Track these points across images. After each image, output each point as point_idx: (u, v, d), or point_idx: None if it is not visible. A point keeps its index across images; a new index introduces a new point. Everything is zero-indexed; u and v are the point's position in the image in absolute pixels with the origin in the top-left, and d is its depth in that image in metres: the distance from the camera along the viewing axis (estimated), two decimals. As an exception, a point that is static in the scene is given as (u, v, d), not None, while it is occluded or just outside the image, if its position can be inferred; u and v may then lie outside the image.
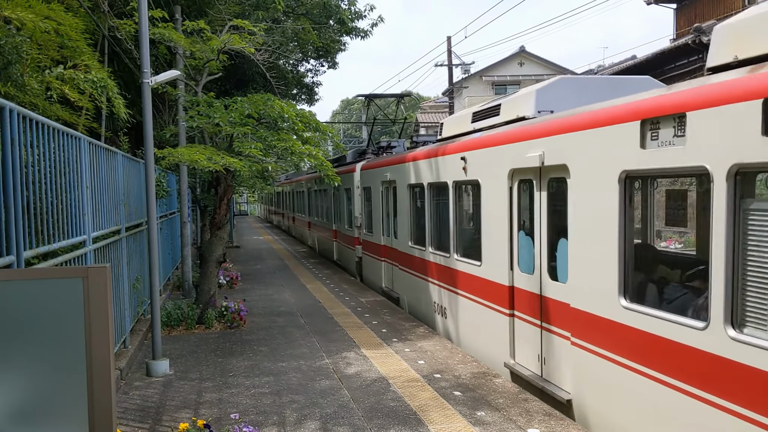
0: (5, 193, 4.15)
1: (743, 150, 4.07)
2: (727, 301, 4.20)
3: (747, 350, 4.02)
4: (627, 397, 5.23)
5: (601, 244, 5.54)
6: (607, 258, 5.45)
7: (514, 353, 7.36)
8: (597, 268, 5.61)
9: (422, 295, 10.67)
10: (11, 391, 1.99)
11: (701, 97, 4.50)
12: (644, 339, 5.01)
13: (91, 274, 2.04)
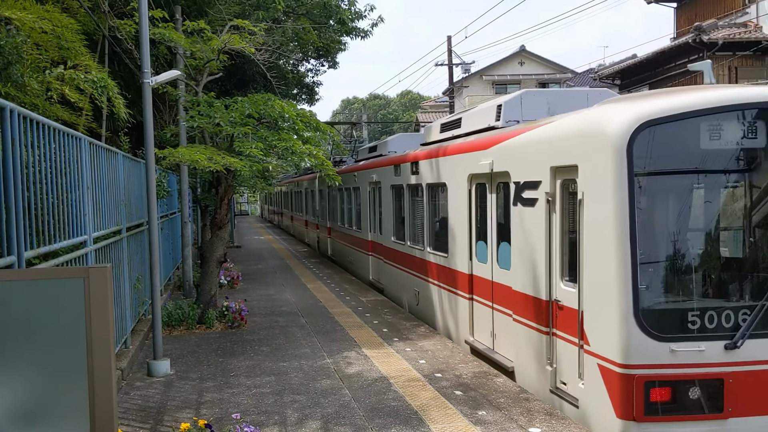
0: (6, 194, 4.15)
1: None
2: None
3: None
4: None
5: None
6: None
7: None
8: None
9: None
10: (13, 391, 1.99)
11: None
12: None
13: (92, 275, 2.04)
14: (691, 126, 5.22)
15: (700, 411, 5.11)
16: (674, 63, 26.58)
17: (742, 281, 5.49)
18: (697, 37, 24.15)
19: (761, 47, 23.99)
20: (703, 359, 5.09)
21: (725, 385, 5.10)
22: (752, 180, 5.40)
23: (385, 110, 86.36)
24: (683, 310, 5.21)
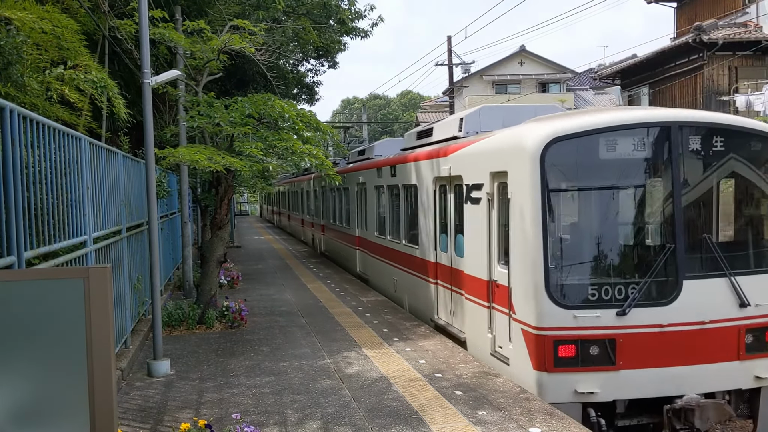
0: (6, 194, 4.15)
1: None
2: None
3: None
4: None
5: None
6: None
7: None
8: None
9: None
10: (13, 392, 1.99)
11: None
12: None
13: (92, 275, 2.04)
14: (591, 141, 6.62)
15: (597, 364, 6.42)
16: (674, 63, 26.59)
17: (631, 263, 6.85)
18: (697, 37, 24.15)
19: (761, 47, 23.98)
20: (599, 323, 6.43)
21: (616, 344, 6.44)
22: (639, 181, 6.91)
23: (385, 110, 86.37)
24: (584, 285, 6.58)
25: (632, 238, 7.01)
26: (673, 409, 6.34)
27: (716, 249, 6.69)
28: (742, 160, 6.99)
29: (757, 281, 6.70)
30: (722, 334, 6.56)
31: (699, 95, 25.37)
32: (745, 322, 6.62)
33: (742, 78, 24.73)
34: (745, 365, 6.63)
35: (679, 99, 26.69)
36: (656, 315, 6.47)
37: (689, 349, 6.49)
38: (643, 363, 6.45)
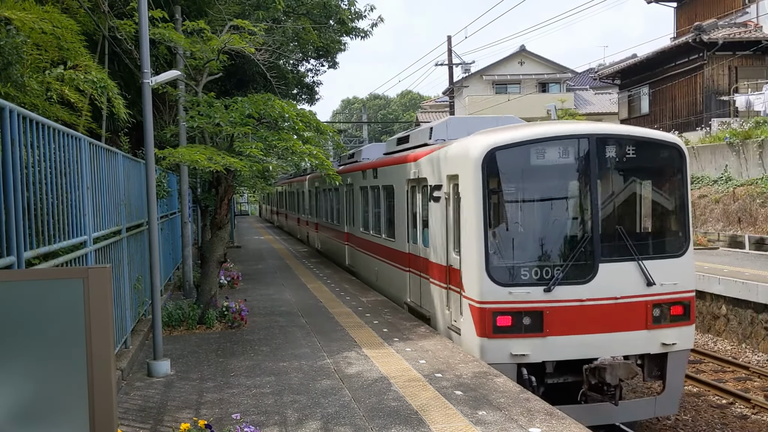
0: (6, 194, 4.15)
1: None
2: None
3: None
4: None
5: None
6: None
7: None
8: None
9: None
10: (12, 392, 1.99)
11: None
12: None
13: (92, 275, 2.04)
14: (524, 150, 8.00)
15: (529, 331, 7.70)
16: (674, 63, 26.59)
17: (556, 249, 8.09)
18: (697, 37, 24.15)
19: (761, 47, 23.97)
20: (530, 298, 7.71)
21: (544, 315, 7.70)
22: (564, 183, 8.35)
23: (385, 110, 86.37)
24: (517, 267, 7.90)
25: (557, 229, 8.34)
26: (590, 368, 7.62)
27: (626, 238, 7.97)
28: (651, 165, 8.47)
29: (661, 265, 8.01)
30: (632, 307, 7.89)
31: (699, 95, 25.37)
32: (652, 298, 7.93)
33: (742, 78, 24.73)
34: (652, 334, 7.97)
35: (679, 99, 26.69)
36: (577, 291, 7.79)
37: (605, 320, 7.82)
38: (566, 331, 7.74)
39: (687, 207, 8.39)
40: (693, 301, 8.24)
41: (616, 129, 9.22)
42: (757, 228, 17.19)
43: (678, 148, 8.39)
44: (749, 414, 9.16)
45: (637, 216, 8.60)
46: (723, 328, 12.92)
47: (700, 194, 19.98)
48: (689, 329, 8.19)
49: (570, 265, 7.80)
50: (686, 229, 8.33)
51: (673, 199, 8.51)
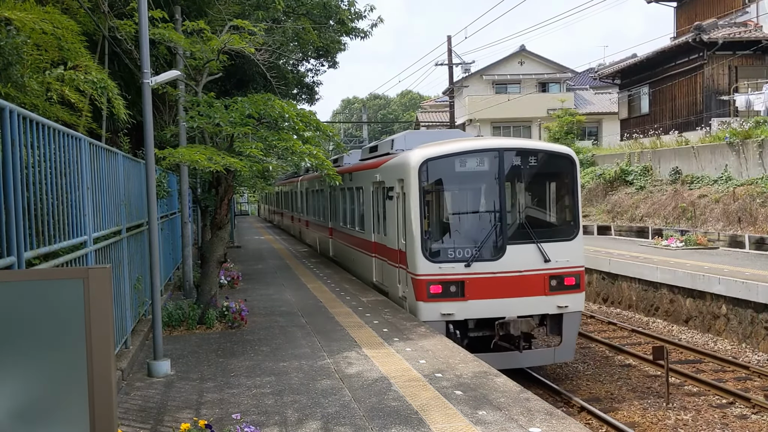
0: (6, 194, 4.15)
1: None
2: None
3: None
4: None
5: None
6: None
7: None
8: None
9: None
10: (12, 392, 1.99)
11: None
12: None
13: (92, 275, 2.04)
14: (450, 160, 10.42)
15: (454, 296, 10.03)
16: (674, 62, 26.58)
17: (474, 234, 10.43)
18: (697, 37, 24.14)
19: (761, 46, 23.96)
20: (455, 271, 10.08)
21: (465, 284, 10.06)
22: (480, 184, 10.68)
23: (385, 110, 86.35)
24: (445, 248, 10.37)
25: (475, 219, 10.84)
26: (500, 324, 9.96)
27: (528, 226, 10.48)
28: (548, 170, 10.91)
29: (555, 247, 10.31)
30: (533, 279, 10.23)
31: (699, 95, 25.36)
32: (549, 272, 10.26)
33: (742, 77, 24.72)
34: (550, 298, 10.28)
35: (679, 98, 26.68)
36: (490, 266, 10.17)
37: (512, 288, 10.15)
38: (482, 296, 10.08)
39: (577, 202, 10.76)
40: (582, 274, 10.63)
41: (520, 143, 12.08)
42: (757, 228, 17.19)
43: (570, 157, 10.77)
44: (749, 414, 9.16)
45: (536, 209, 11.20)
46: (723, 327, 12.92)
47: (700, 194, 19.98)
48: (580, 296, 10.57)
49: (484, 247, 10.27)
50: (576, 219, 10.73)
51: (565, 196, 10.94)
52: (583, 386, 10.68)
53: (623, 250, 18.10)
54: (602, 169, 25.47)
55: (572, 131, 28.20)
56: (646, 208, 22.11)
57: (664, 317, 14.68)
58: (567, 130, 28.01)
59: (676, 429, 8.78)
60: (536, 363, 10.87)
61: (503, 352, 10.26)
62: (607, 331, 14.31)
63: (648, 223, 21.51)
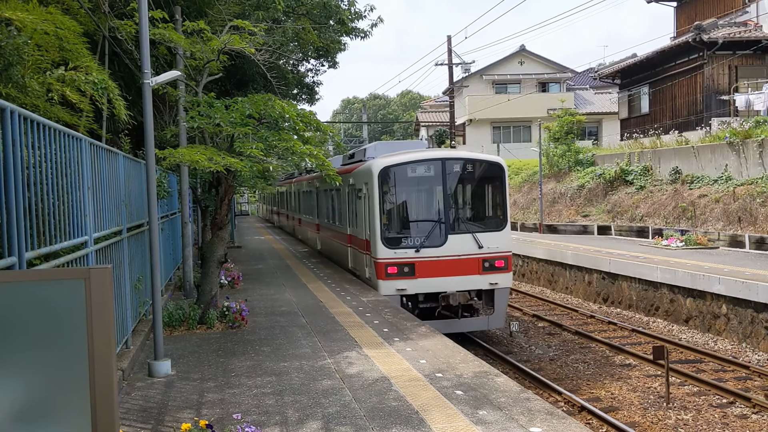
0: (7, 194, 4.15)
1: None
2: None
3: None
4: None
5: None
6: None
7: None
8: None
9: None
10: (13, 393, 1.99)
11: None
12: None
13: (93, 275, 2.04)
14: (403, 168, 12.78)
15: (406, 275, 12.40)
16: (674, 62, 26.58)
17: (423, 226, 12.82)
18: (697, 36, 24.14)
19: (761, 46, 23.95)
20: (407, 256, 12.45)
21: (415, 266, 12.42)
22: (427, 186, 13.00)
23: (385, 110, 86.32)
24: (399, 237, 12.66)
25: (423, 214, 13.20)
26: (442, 296, 12.42)
27: (465, 220, 13.17)
28: (481, 175, 13.40)
29: (487, 236, 12.78)
30: (470, 261, 12.62)
31: (699, 94, 25.36)
32: (482, 256, 12.70)
33: (742, 77, 24.72)
34: (484, 277, 12.70)
35: (679, 98, 26.68)
36: (435, 252, 12.58)
37: (452, 269, 12.51)
38: (429, 275, 12.49)
39: (505, 200, 13.30)
40: (510, 258, 13.05)
41: (460, 154, 14.57)
42: (758, 227, 17.19)
43: (500, 165, 13.33)
44: (750, 413, 9.16)
45: (472, 206, 13.71)
46: (723, 327, 12.92)
47: (700, 193, 19.98)
48: (508, 275, 13.03)
49: (430, 236, 12.72)
50: (505, 214, 13.21)
51: (496, 196, 13.44)
52: (583, 386, 10.68)
53: (623, 250, 18.10)
54: (602, 168, 25.47)
55: (572, 131, 28.17)
56: (646, 208, 22.11)
57: (664, 317, 14.69)
58: (567, 130, 27.99)
59: (676, 429, 8.78)
60: (473, 328, 13.23)
61: (446, 320, 12.48)
62: (607, 331, 14.31)
63: (648, 223, 21.51)
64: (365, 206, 13.48)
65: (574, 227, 24.37)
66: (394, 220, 13.13)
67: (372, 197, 12.89)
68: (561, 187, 26.98)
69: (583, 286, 18.13)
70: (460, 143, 41.54)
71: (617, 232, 22.58)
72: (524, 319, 15.72)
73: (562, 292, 19.18)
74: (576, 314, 16.13)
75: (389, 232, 12.77)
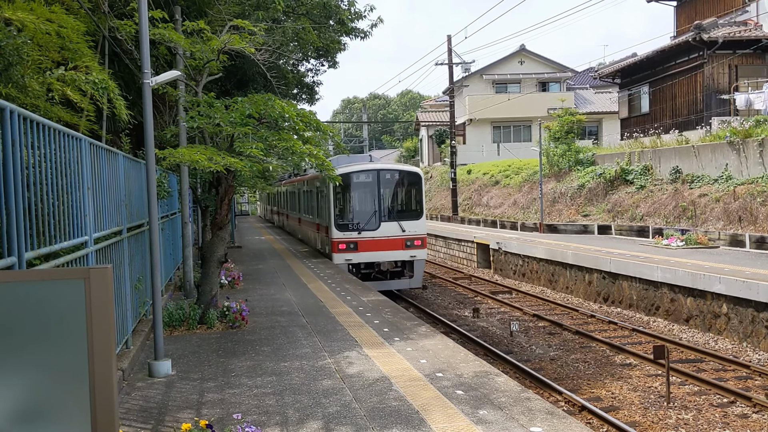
0: (6, 195, 4.15)
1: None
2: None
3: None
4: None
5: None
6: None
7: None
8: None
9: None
10: (12, 393, 1.99)
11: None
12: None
13: (93, 275, 2.04)
14: (349, 175, 17.56)
15: (352, 250, 17.55)
16: (674, 61, 26.57)
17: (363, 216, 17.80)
18: (697, 36, 24.13)
19: (761, 45, 23.95)
20: (352, 237, 17.61)
21: (358, 244, 17.59)
22: (367, 189, 17.93)
23: (385, 110, 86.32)
24: (347, 224, 17.71)
25: (364, 208, 17.79)
26: (376, 264, 17.59)
27: (393, 212, 17.92)
28: (405, 180, 18.27)
29: (408, 223, 17.65)
30: (396, 240, 17.50)
31: (699, 94, 25.35)
32: (405, 237, 17.58)
33: (742, 76, 24.71)
34: (406, 251, 17.58)
35: (679, 97, 26.67)
36: (371, 234, 17.45)
37: (384, 246, 17.44)
38: (367, 250, 17.38)
39: (422, 198, 18.40)
40: (425, 238, 18.10)
41: (390, 166, 19.67)
42: (758, 227, 17.18)
43: (417, 173, 18.58)
44: (750, 413, 9.16)
45: (399, 202, 18.48)
46: (724, 327, 12.91)
47: (700, 193, 19.97)
48: (424, 250, 17.99)
49: (368, 223, 17.63)
50: (421, 208, 18.28)
51: (415, 195, 18.40)
52: (583, 385, 10.68)
53: (624, 250, 18.09)
54: (602, 168, 25.46)
55: (572, 131, 28.15)
56: (646, 208, 22.10)
57: (664, 316, 14.68)
58: (567, 130, 27.96)
59: (677, 428, 8.77)
60: (398, 287, 18.32)
61: (379, 281, 17.64)
62: (607, 331, 14.30)
63: (648, 223, 21.50)
64: (325, 202, 18.58)
65: (574, 227, 24.36)
66: (343, 211, 18.14)
67: (329, 196, 17.92)
68: (561, 187, 26.98)
69: (584, 286, 18.13)
70: (461, 143, 41.54)
71: (617, 232, 22.57)
72: (524, 319, 15.71)
73: (562, 291, 19.17)
74: (576, 314, 16.13)
75: (340, 220, 17.81)
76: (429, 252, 27.54)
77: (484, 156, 40.31)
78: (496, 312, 16.80)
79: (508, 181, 31.81)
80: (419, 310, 16.83)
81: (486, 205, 32.71)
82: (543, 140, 27.63)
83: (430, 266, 26.10)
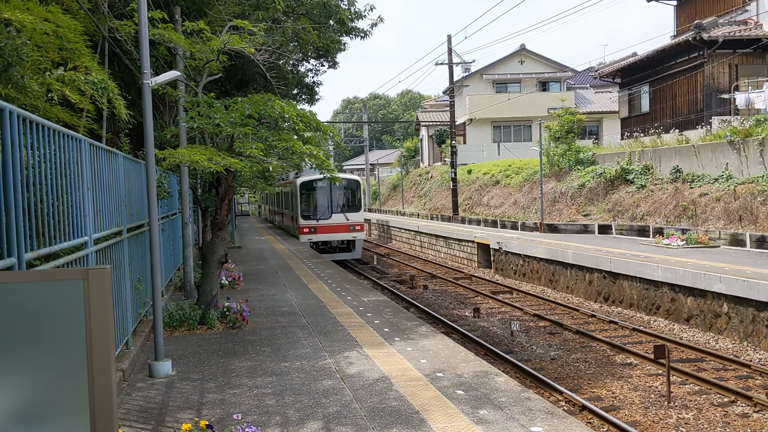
0: (6, 195, 4.15)
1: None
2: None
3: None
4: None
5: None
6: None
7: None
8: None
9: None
10: (12, 393, 1.99)
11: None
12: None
13: (92, 276, 2.04)
14: (311, 181, 26.23)
15: (312, 233, 26.29)
16: (674, 61, 26.56)
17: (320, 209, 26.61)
18: (697, 35, 24.12)
19: (761, 45, 23.94)
20: (312, 223, 26.34)
21: (317, 228, 26.32)
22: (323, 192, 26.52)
23: (385, 110, 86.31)
24: (309, 214, 26.36)
25: (320, 204, 26.29)
26: (330, 242, 26.45)
27: (340, 207, 26.33)
28: (350, 187, 26.72)
29: (352, 215, 26.21)
30: (343, 226, 26.09)
31: (699, 93, 25.34)
32: (348, 223, 26.14)
33: (743, 76, 24.69)
34: (350, 233, 26.26)
35: (679, 97, 26.65)
36: (326, 221, 26.17)
37: (335, 230, 26.10)
38: (323, 232, 26.11)
39: (361, 197, 26.90)
40: (363, 224, 26.64)
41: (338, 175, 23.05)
42: (758, 226, 17.18)
43: (357, 181, 27.37)
44: (751, 412, 9.15)
45: (345, 200, 26.17)
46: (724, 326, 12.91)
47: (700, 192, 19.96)
48: (362, 233, 26.45)
49: (324, 214, 25.96)
50: (360, 204, 26.68)
51: (356, 195, 26.52)
52: (584, 385, 10.67)
53: (624, 249, 18.09)
54: (603, 168, 25.45)
55: (573, 130, 28.15)
56: (646, 207, 22.09)
57: (665, 316, 14.67)
58: (567, 129, 27.96)
59: (677, 428, 8.77)
60: (344, 258, 25.86)
61: (332, 253, 25.30)
62: (608, 330, 14.30)
63: (649, 222, 21.49)
64: (295, 201, 26.34)
65: (574, 226, 24.36)
66: (307, 207, 26.06)
67: (297, 196, 26.02)
68: (561, 187, 26.98)
69: (584, 286, 18.12)
70: (461, 143, 41.54)
71: (618, 232, 22.57)
72: (525, 319, 15.71)
73: (563, 291, 19.17)
74: (577, 313, 16.12)
75: (305, 212, 25.96)
76: (429, 251, 30.95)
77: (485, 156, 40.32)
78: (496, 312, 16.79)
79: (509, 180, 31.81)
80: (420, 310, 16.56)
81: (486, 205, 32.72)
82: (543, 140, 27.62)
83: (431, 266, 26.19)
